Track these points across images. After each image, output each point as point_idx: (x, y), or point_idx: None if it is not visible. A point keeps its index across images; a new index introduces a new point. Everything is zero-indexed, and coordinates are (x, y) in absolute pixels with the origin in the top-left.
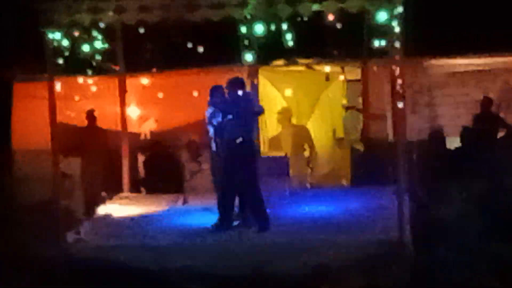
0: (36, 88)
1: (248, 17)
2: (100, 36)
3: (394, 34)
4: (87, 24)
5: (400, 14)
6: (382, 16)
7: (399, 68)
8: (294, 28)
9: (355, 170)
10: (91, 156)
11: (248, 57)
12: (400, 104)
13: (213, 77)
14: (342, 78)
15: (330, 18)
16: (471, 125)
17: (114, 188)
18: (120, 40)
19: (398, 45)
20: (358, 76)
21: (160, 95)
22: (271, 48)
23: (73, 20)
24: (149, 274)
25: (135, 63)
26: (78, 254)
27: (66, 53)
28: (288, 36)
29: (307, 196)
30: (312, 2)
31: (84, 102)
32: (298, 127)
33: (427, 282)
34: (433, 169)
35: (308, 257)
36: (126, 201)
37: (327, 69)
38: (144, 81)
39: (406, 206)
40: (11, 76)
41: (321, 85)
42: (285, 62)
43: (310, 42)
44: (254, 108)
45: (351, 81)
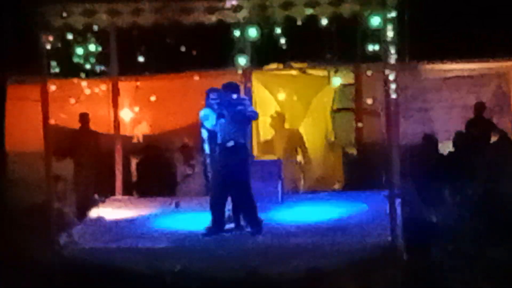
0: (29, 91)
1: (242, 21)
2: (93, 39)
3: (387, 38)
4: (81, 27)
5: (393, 18)
6: (376, 20)
7: (392, 73)
8: (288, 32)
9: (347, 174)
10: (84, 158)
11: (242, 60)
12: (393, 109)
13: (206, 80)
14: (336, 82)
15: (324, 22)
16: (464, 129)
17: (106, 191)
18: (113, 43)
19: (391, 49)
20: (351, 80)
21: (153, 98)
22: (264, 52)
23: (67, 23)
24: (142, 277)
25: (128, 66)
26: (71, 257)
27: (60, 55)
28: (282, 40)
29: (299, 200)
30: (305, 6)
31: (77, 105)
32: (291, 131)
33: (420, 285)
34: (425, 173)
35: (301, 260)
36: (119, 204)
37: (320, 73)
38: (138, 84)
39: (398, 210)
40: (4, 78)
41: (314, 89)
42: (278, 66)
43: (304, 46)
44: (248, 113)
45: (344, 85)
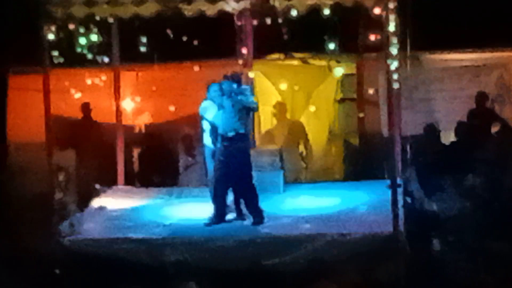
0: (31, 81)
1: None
2: (95, 29)
3: (389, 28)
4: (83, 17)
5: (395, 8)
6: (378, 10)
7: (394, 63)
8: (289, 22)
9: (349, 164)
10: (86, 149)
11: (244, 50)
12: (395, 99)
13: (208, 71)
14: (338, 72)
15: (326, 12)
16: (466, 120)
17: (108, 181)
18: (115, 33)
19: (393, 39)
20: (353, 70)
21: (155, 88)
22: (266, 42)
23: (68, 13)
24: (143, 267)
25: (130, 56)
26: (72, 247)
27: (62, 46)
28: (283, 30)
29: (301, 190)
30: None
31: (79, 95)
32: (292, 122)
33: (421, 275)
34: (427, 163)
35: (303, 251)
36: (121, 194)
37: (322, 63)
38: (139, 74)
39: (400, 200)
40: (6, 68)
41: (316, 79)
42: (280, 56)
43: (306, 36)
44: (249, 104)
45: (346, 75)
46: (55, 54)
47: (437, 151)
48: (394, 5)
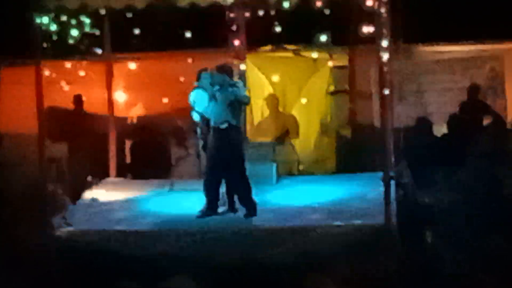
0: (23, 73)
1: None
2: (87, 20)
3: (381, 20)
4: (75, 8)
5: (387, 0)
6: (370, 2)
7: (386, 55)
8: (282, 14)
9: (342, 156)
10: (78, 140)
11: (236, 42)
12: (387, 91)
13: (200, 62)
14: (329, 64)
15: (318, 4)
16: (458, 112)
17: (100, 173)
18: (107, 24)
19: (385, 31)
20: (345, 63)
21: (147, 80)
22: (259, 33)
23: (60, 5)
24: (135, 259)
25: (122, 48)
26: (64, 239)
27: (54, 37)
28: (276, 22)
29: (294, 182)
30: None
31: (71, 86)
32: (284, 115)
33: (413, 268)
34: (419, 156)
35: (295, 243)
36: (113, 186)
37: (314, 55)
38: (132, 66)
39: (392, 193)
40: None
41: (308, 71)
42: (272, 48)
43: (298, 28)
44: (241, 98)
45: (338, 67)
46: (47, 46)
47: (429, 143)
48: None
